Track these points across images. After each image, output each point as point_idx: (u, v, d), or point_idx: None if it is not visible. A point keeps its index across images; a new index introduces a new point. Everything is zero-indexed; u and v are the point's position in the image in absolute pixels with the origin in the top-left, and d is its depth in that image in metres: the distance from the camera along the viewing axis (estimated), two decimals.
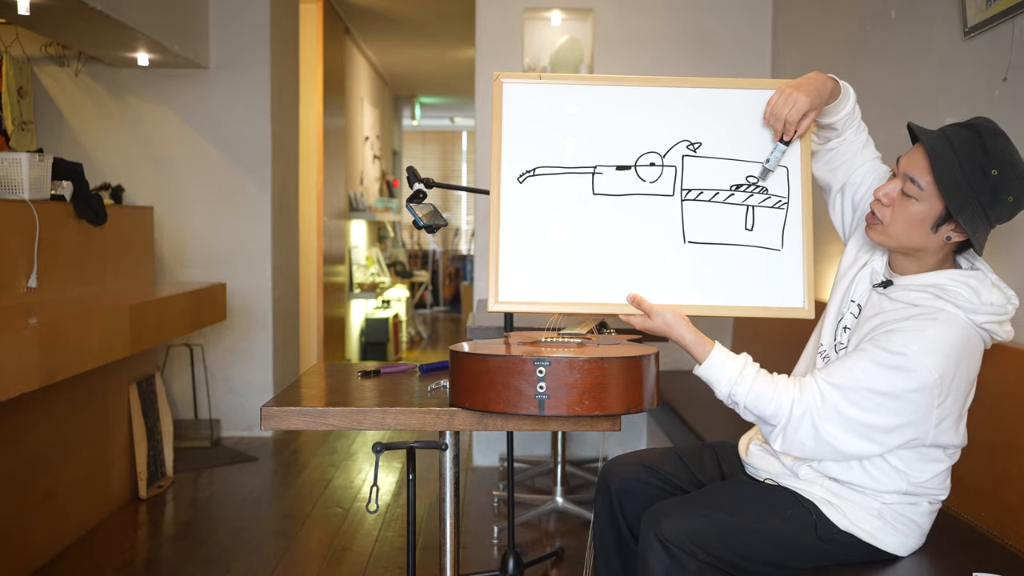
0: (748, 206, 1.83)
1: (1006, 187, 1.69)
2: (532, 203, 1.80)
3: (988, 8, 2.40)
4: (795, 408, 1.71)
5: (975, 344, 1.72)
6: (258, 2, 4.89)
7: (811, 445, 1.72)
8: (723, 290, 1.81)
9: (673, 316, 1.77)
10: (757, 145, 1.84)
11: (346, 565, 3.19)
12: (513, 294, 1.78)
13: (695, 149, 1.84)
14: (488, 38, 4.48)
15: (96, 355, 2.96)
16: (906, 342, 1.66)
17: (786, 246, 1.83)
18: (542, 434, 4.50)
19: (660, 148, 1.84)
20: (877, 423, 1.69)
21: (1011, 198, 1.69)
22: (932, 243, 1.76)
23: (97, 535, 3.44)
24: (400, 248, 10.35)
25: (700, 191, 1.83)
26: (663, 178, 1.83)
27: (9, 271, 2.96)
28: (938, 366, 1.65)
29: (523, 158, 1.81)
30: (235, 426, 5.00)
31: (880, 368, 1.67)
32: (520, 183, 1.79)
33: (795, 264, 1.82)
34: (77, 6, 3.49)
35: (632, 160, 1.83)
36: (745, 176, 1.83)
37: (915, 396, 1.67)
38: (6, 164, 3.06)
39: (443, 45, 8.04)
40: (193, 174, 4.91)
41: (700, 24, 4.47)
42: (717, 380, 1.77)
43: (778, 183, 1.84)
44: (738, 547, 1.79)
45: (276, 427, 1.73)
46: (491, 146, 1.81)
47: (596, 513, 2.10)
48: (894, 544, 1.81)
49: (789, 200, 1.83)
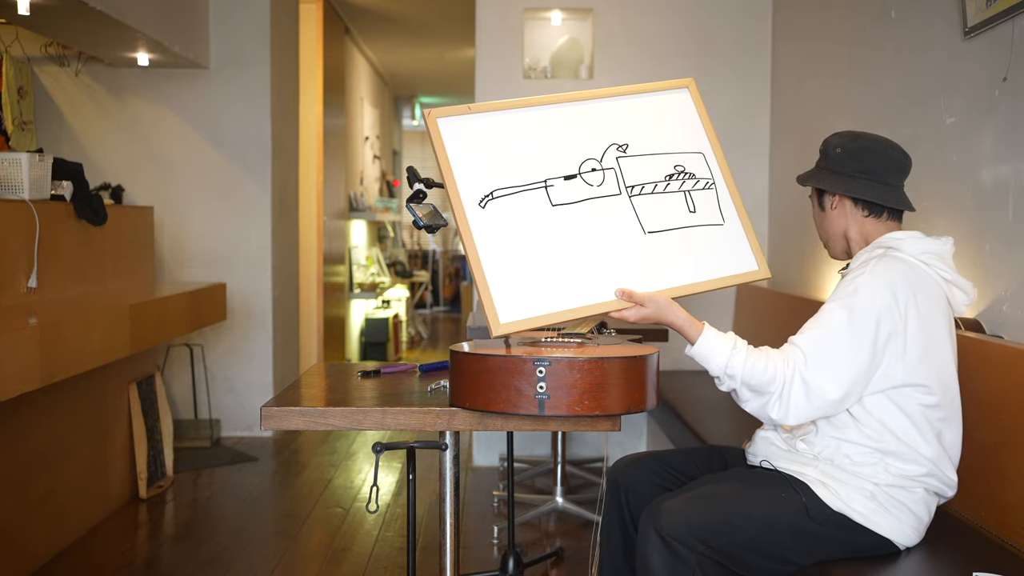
0: (684, 191, 2.00)
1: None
2: (499, 225, 1.83)
3: (988, 8, 2.40)
4: (785, 371, 1.79)
5: (923, 276, 1.86)
6: (258, 2, 4.89)
7: (804, 404, 1.79)
8: (689, 269, 1.94)
9: (665, 300, 1.84)
10: (673, 138, 2.05)
11: (346, 565, 3.19)
12: (512, 314, 1.79)
13: (624, 150, 1.99)
14: (488, 38, 4.49)
15: (96, 355, 2.96)
16: (855, 278, 1.85)
17: (726, 219, 2.03)
18: (542, 434, 4.50)
19: (595, 154, 1.96)
20: (854, 358, 1.79)
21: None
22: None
23: (97, 535, 3.44)
24: (400, 248, 10.35)
25: (642, 186, 1.97)
26: (607, 180, 1.94)
27: (9, 271, 2.96)
28: (886, 288, 1.81)
29: (478, 184, 1.84)
30: (235, 426, 5.00)
31: (838, 306, 1.82)
32: (483, 208, 1.82)
33: (738, 232, 2.03)
34: (77, 6, 3.49)
35: (576, 168, 1.93)
36: (673, 166, 2.02)
37: (873, 319, 1.79)
38: (6, 164, 3.06)
39: (443, 45, 8.05)
40: (193, 174, 4.91)
41: (700, 24, 4.47)
42: (713, 354, 1.83)
43: (700, 167, 2.04)
44: (735, 536, 1.80)
45: (276, 427, 1.73)
46: (444, 181, 1.84)
47: (604, 512, 2.12)
48: (888, 528, 1.83)
49: (715, 179, 2.05)
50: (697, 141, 2.06)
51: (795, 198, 3.98)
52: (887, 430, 1.84)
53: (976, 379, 2.13)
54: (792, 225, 4.09)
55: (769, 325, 3.93)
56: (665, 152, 2.02)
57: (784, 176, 4.24)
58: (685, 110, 2.10)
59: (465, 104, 1.94)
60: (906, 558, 1.84)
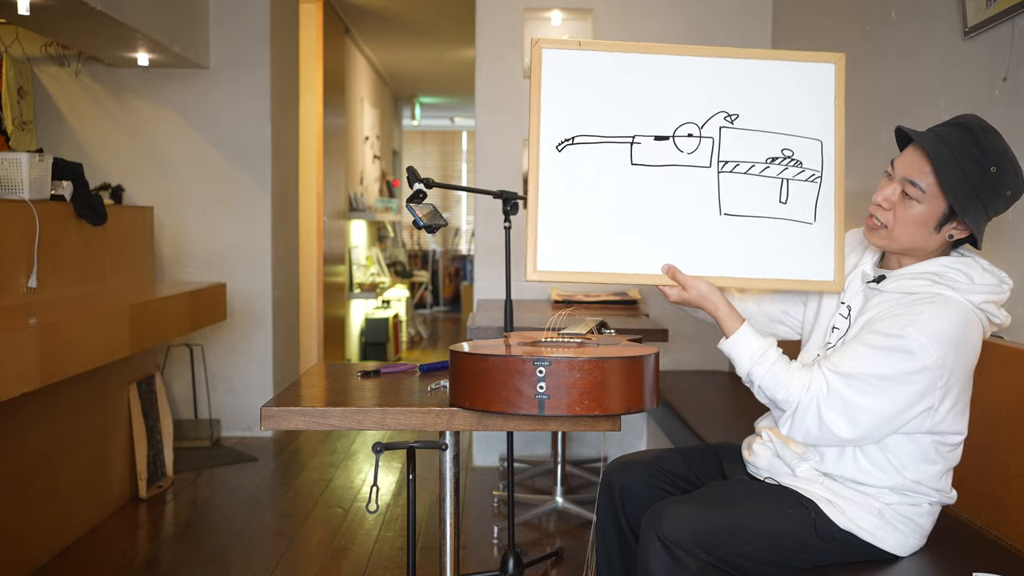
0: (783, 179, 1.83)
1: (1004, 182, 1.71)
2: (570, 172, 1.78)
3: (988, 8, 2.40)
4: (804, 395, 1.73)
5: (974, 326, 1.73)
6: (258, 2, 4.89)
7: (815, 431, 1.74)
8: (756, 263, 1.83)
9: (708, 287, 1.79)
10: (793, 118, 1.84)
11: (346, 565, 3.19)
12: (550, 263, 1.77)
13: (732, 121, 1.83)
14: (488, 38, 4.49)
15: (96, 355, 2.96)
16: (904, 325, 1.68)
17: (818, 220, 1.84)
18: (542, 434, 4.50)
19: (698, 119, 1.83)
20: (880, 409, 1.70)
21: (1009, 192, 1.73)
22: (934, 242, 1.78)
23: (97, 535, 3.44)
24: (400, 248, 10.35)
25: (737, 163, 1.83)
26: (700, 149, 1.82)
27: (9, 271, 2.96)
28: (937, 346, 1.66)
29: (562, 126, 1.79)
30: (235, 426, 5.00)
31: (880, 352, 1.68)
32: (559, 152, 1.77)
33: (827, 238, 1.84)
34: (77, 6, 3.49)
35: (670, 130, 1.82)
36: (780, 149, 1.84)
37: (916, 378, 1.68)
38: (6, 164, 3.06)
39: (443, 45, 8.04)
40: (193, 174, 4.91)
41: (700, 24, 4.47)
42: (740, 356, 1.79)
43: (812, 157, 1.84)
44: (738, 546, 1.79)
45: (276, 427, 1.73)
46: (530, 114, 1.78)
47: (598, 512, 2.10)
48: (894, 544, 1.81)
49: (823, 174, 1.84)
50: (821, 126, 1.84)
51: None
52: (903, 467, 1.78)
53: (976, 379, 2.12)
54: None
55: None
56: (778, 132, 1.84)
57: None
58: (822, 88, 1.86)
59: (576, 39, 1.83)
60: (906, 559, 1.84)
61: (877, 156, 3.08)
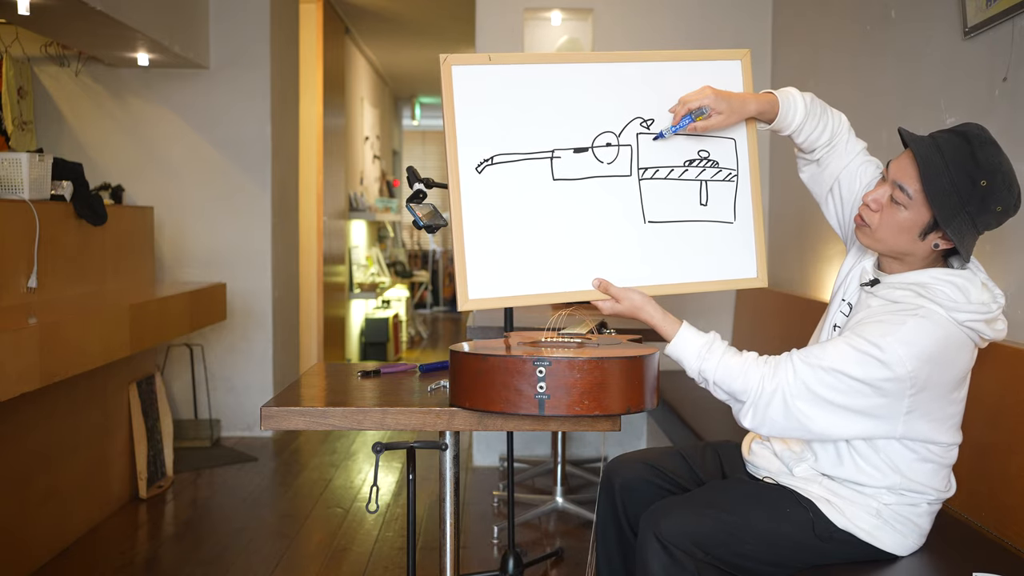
0: (701, 181, 1.85)
1: (994, 197, 1.68)
2: (492, 194, 1.74)
3: (988, 8, 2.40)
4: (766, 384, 1.70)
5: (958, 342, 1.70)
6: (258, 2, 4.89)
7: (781, 422, 1.71)
8: (684, 267, 1.84)
9: (641, 298, 1.78)
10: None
11: (346, 565, 3.19)
12: (483, 290, 1.75)
13: (648, 126, 1.83)
14: (488, 38, 4.49)
15: (96, 355, 2.96)
16: (883, 333, 1.66)
17: (738, 218, 1.88)
18: (542, 434, 4.50)
19: (615, 127, 1.82)
20: (846, 404, 1.69)
21: (999, 207, 1.69)
22: (919, 249, 1.76)
23: (97, 535, 3.44)
24: (400, 248, 10.35)
25: (656, 169, 1.83)
26: (620, 158, 1.81)
27: (9, 271, 2.96)
28: (911, 359, 1.65)
29: (480, 146, 1.74)
30: (235, 426, 5.00)
31: (856, 353, 1.67)
32: (479, 173, 1.74)
33: (747, 235, 1.88)
34: (77, 6, 3.49)
35: (589, 141, 1.80)
36: (697, 151, 1.85)
37: (886, 386, 1.67)
38: (6, 164, 3.06)
39: (443, 45, 8.04)
40: (193, 174, 4.91)
41: (700, 24, 4.47)
42: (686, 355, 1.77)
43: (727, 156, 1.86)
44: (736, 546, 1.79)
45: (276, 427, 1.73)
46: (445, 136, 1.73)
47: (599, 511, 2.11)
48: (893, 544, 1.81)
49: (739, 172, 1.87)
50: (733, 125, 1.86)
51: (795, 198, 3.98)
52: (899, 468, 1.78)
53: (976, 379, 2.12)
54: (791, 224, 4.09)
55: (768, 326, 3.93)
56: (693, 133, 1.83)
57: (784, 175, 4.24)
58: (731, 86, 1.87)
59: (486, 54, 1.78)
60: (906, 559, 1.84)
61: (876, 156, 3.07)
